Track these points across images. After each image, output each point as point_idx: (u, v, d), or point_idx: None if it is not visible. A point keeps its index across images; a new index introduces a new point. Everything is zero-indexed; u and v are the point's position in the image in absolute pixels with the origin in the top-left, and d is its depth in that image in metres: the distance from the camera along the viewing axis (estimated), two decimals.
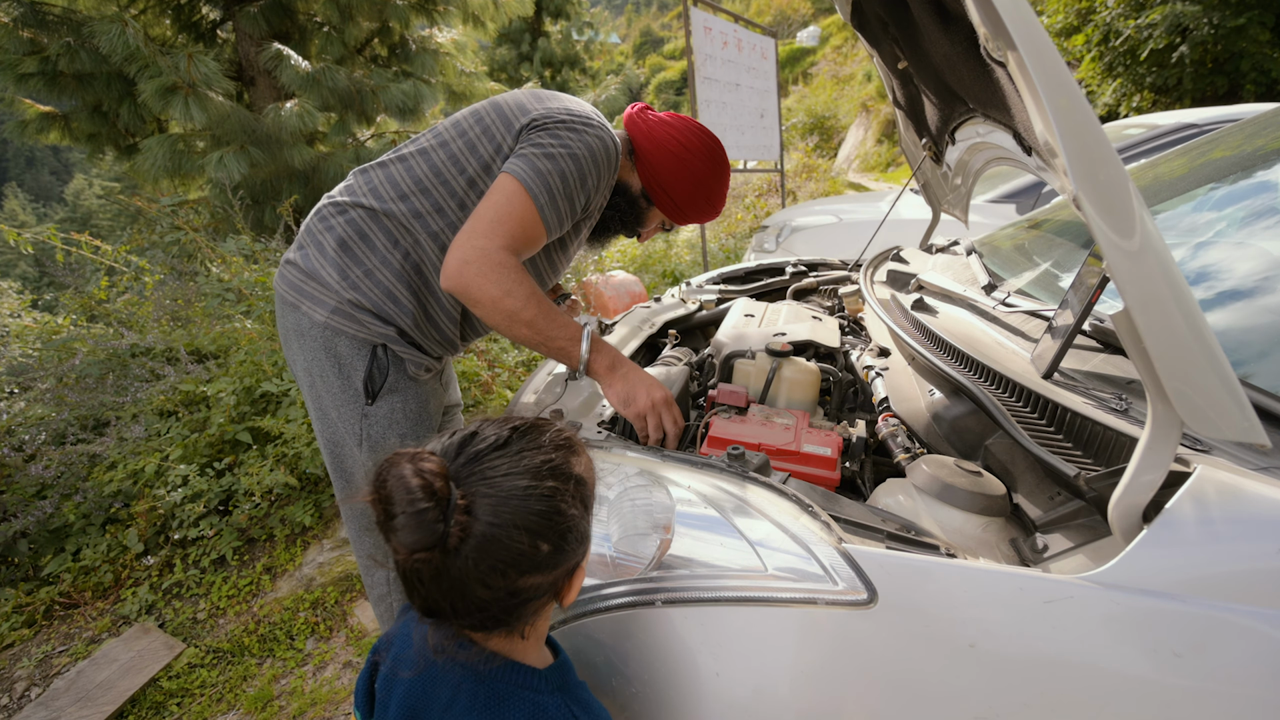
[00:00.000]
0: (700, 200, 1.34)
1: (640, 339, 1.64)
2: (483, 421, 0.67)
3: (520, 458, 0.62)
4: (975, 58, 1.06)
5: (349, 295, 1.21)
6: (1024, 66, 0.64)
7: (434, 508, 0.56)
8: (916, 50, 1.42)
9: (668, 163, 1.29)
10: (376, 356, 1.24)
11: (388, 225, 1.23)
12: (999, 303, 1.23)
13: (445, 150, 1.23)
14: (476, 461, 0.61)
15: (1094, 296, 0.96)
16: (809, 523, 0.81)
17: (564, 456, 0.65)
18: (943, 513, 0.91)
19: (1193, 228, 1.25)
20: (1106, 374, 1.00)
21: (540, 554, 0.61)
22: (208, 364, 2.79)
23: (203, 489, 2.30)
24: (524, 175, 1.13)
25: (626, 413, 1.17)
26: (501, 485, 0.60)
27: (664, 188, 1.32)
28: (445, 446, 0.63)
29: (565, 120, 1.18)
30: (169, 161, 4.06)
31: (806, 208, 4.33)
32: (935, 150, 1.82)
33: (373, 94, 4.53)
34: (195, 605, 2.22)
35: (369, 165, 1.30)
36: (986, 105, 1.18)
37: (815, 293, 1.99)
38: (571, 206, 1.20)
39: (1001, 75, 0.89)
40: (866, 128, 14.27)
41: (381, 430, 1.27)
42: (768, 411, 1.22)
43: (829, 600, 0.75)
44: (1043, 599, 0.70)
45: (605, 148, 1.20)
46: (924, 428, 1.13)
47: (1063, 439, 0.93)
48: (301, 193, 4.40)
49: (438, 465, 0.58)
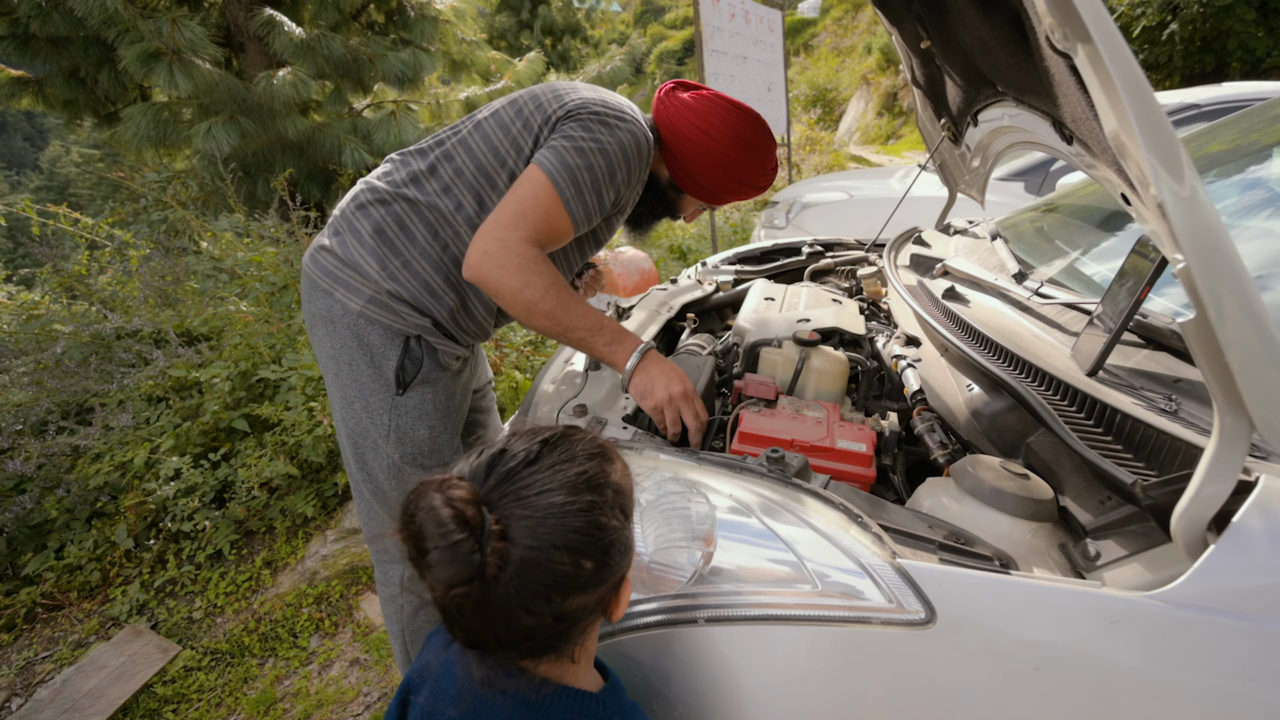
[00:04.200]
0: (731, 183, 1.29)
1: (659, 323, 1.60)
2: (510, 436, 0.63)
3: (554, 472, 0.58)
4: (1017, 43, 1.00)
5: (387, 285, 1.20)
6: (1099, 61, 0.60)
7: (468, 538, 0.52)
8: (943, 31, 1.36)
9: (690, 151, 1.25)
10: (410, 348, 1.22)
11: (429, 217, 1.21)
12: (1033, 293, 1.19)
13: (487, 143, 1.21)
14: (508, 481, 0.57)
15: (1143, 293, 0.93)
16: (859, 535, 0.78)
17: (599, 465, 0.62)
18: (990, 517, 0.88)
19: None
20: (1149, 370, 0.97)
21: (584, 572, 0.57)
22: (199, 346, 2.69)
23: (197, 482, 2.21)
24: (552, 169, 1.11)
25: (644, 405, 1.13)
26: (537, 504, 0.56)
27: (691, 175, 1.28)
28: (474, 468, 0.59)
29: (599, 113, 1.16)
30: (153, 131, 3.87)
31: (815, 183, 4.25)
32: (955, 131, 1.76)
33: (370, 62, 4.34)
34: (190, 604, 2.12)
35: (409, 152, 1.29)
36: (1024, 91, 1.12)
37: (832, 273, 1.95)
38: (600, 202, 1.17)
39: (1056, 65, 0.83)
40: (867, 100, 14.18)
41: (411, 422, 1.25)
42: (797, 404, 1.18)
43: (884, 620, 0.72)
44: (1109, 618, 0.68)
45: (637, 143, 1.17)
46: (962, 423, 1.09)
47: (1111, 440, 0.90)
48: (296, 165, 4.23)
49: (468, 491, 0.54)
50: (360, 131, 4.27)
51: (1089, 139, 0.89)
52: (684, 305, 1.75)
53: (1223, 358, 0.62)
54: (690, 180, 1.29)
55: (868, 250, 2.01)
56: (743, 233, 5.52)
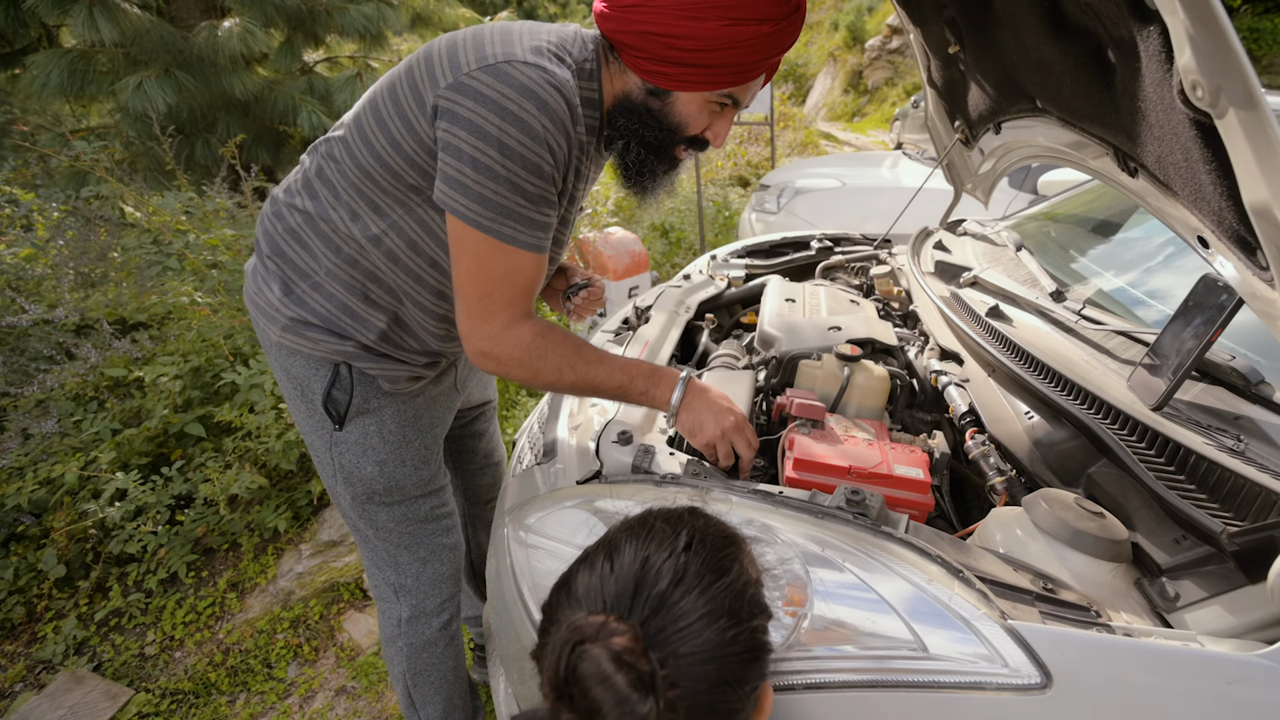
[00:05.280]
0: (719, 31, 0.85)
1: (680, 327, 1.56)
2: (628, 535, 0.56)
3: (703, 592, 0.52)
4: (1092, 72, 0.96)
5: (291, 312, 1.04)
6: (1258, 129, 0.57)
7: (647, 699, 0.45)
8: (983, 41, 1.31)
9: (652, 21, 0.86)
10: (339, 375, 1.07)
11: (325, 230, 1.02)
12: (1078, 315, 1.19)
13: (368, 146, 0.95)
14: (662, 610, 0.50)
15: (1215, 334, 0.92)
16: (964, 591, 0.75)
17: (739, 565, 0.57)
18: (1069, 557, 0.87)
19: None
20: (1209, 406, 0.98)
21: (747, 696, 0.53)
22: (134, 336, 2.40)
23: (148, 501, 1.91)
24: (470, 214, 0.88)
25: (695, 442, 1.07)
26: (698, 639, 0.50)
27: (671, 61, 0.89)
28: (616, 595, 0.51)
29: (481, 95, 0.85)
30: (66, 81, 3.38)
31: (806, 168, 4.20)
32: (969, 135, 1.74)
33: (327, 15, 3.93)
34: (141, 638, 1.85)
35: (316, 143, 1.08)
36: (1083, 118, 1.09)
37: (844, 269, 1.93)
38: (544, 205, 0.93)
39: (1163, 111, 0.79)
40: (834, 77, 14.40)
41: (354, 459, 1.12)
42: (844, 423, 1.15)
43: (998, 684, 0.69)
44: (1224, 680, 0.67)
45: (543, 104, 0.85)
46: (1021, 450, 1.08)
47: (1184, 480, 0.90)
48: (241, 125, 3.80)
49: (631, 638, 0.47)
50: (318, 91, 3.90)
51: (1174, 183, 0.86)
52: (700, 304, 1.70)
53: None
54: (674, 69, 0.89)
55: (876, 248, 2.00)
56: (724, 207, 5.41)
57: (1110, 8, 0.78)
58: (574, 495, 1.03)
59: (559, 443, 1.21)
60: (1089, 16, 0.87)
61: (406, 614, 1.28)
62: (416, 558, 1.25)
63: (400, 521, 1.21)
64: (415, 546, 1.24)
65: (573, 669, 0.45)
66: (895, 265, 1.83)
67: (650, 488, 0.98)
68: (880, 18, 14.24)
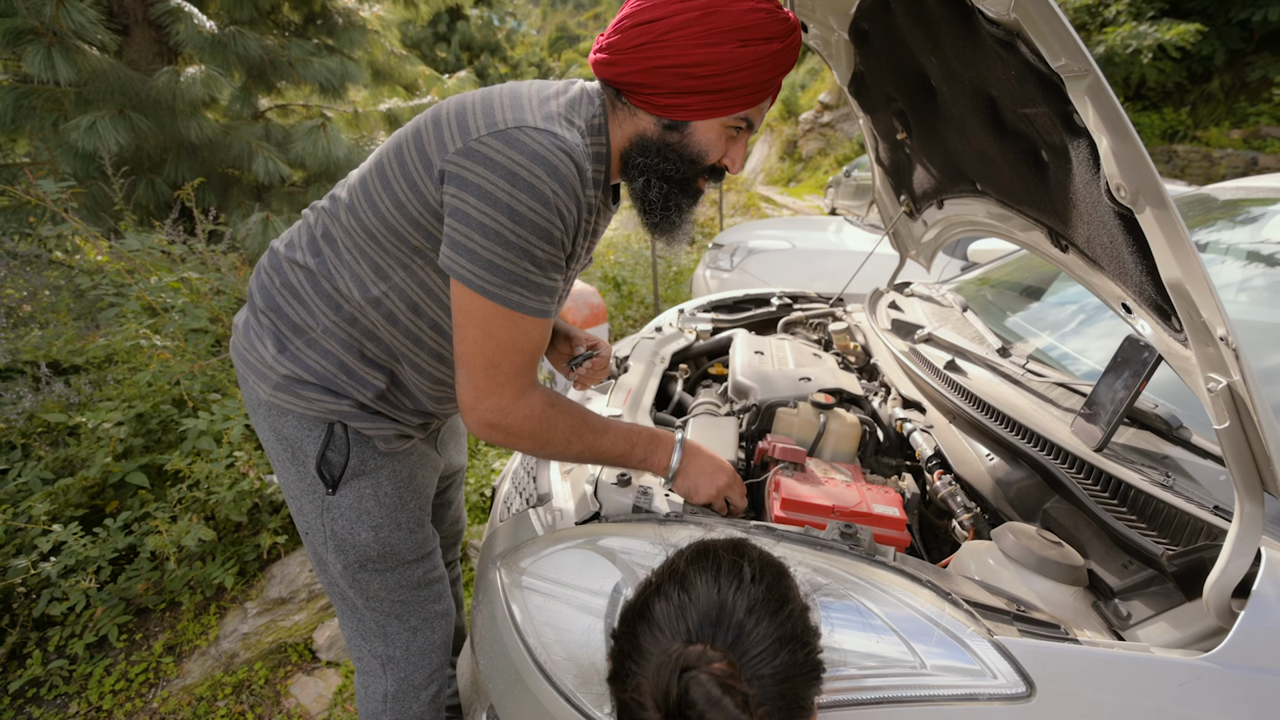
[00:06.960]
0: (727, 50, 0.87)
1: (657, 376, 1.64)
2: (694, 566, 0.62)
3: (776, 619, 0.59)
4: (1029, 165, 1.13)
5: (285, 370, 1.01)
6: (1170, 224, 0.72)
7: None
8: (928, 132, 1.50)
9: (664, 55, 0.88)
10: (334, 435, 1.03)
11: (326, 289, 1.01)
12: (1023, 369, 1.34)
13: (373, 208, 0.96)
14: (744, 637, 0.57)
15: (1141, 385, 1.07)
16: (953, 612, 0.82)
17: (793, 591, 0.63)
18: (1036, 583, 0.96)
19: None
20: (1139, 447, 1.12)
21: (810, 711, 0.59)
22: (70, 379, 2.26)
23: (89, 556, 1.76)
24: (477, 280, 0.87)
25: (693, 503, 1.12)
26: (777, 662, 0.56)
27: (687, 90, 0.90)
28: (699, 623, 0.57)
29: (491, 160, 0.85)
30: (12, 116, 3.24)
31: (757, 229, 4.49)
32: (913, 208, 1.95)
33: (289, 66, 3.96)
34: (64, 709, 1.68)
35: (320, 202, 1.08)
36: (1020, 201, 1.26)
37: (804, 325, 2.06)
38: (552, 270, 0.92)
39: (1091, 202, 0.94)
40: (770, 145, 15.52)
41: (348, 525, 1.08)
42: (823, 466, 1.23)
43: (989, 695, 0.76)
44: (1177, 681, 0.76)
45: (553, 170, 0.85)
46: (985, 490, 1.19)
47: (1126, 511, 1.02)
48: (190, 168, 3.72)
49: (730, 664, 0.53)
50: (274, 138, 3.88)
51: (1101, 259, 1.02)
52: (673, 355, 1.79)
53: (1252, 458, 0.75)
54: (686, 98, 0.91)
55: (831, 305, 2.16)
56: (675, 267, 5.61)
57: (1045, 121, 0.94)
58: (575, 535, 1.06)
59: (553, 487, 1.24)
60: (1026, 124, 1.03)
61: (393, 689, 1.21)
62: (408, 627, 1.20)
63: (393, 589, 1.16)
64: (407, 615, 1.20)
65: (684, 694, 0.50)
66: (851, 322, 1.99)
67: (653, 526, 1.02)
68: (813, 94, 15.56)
